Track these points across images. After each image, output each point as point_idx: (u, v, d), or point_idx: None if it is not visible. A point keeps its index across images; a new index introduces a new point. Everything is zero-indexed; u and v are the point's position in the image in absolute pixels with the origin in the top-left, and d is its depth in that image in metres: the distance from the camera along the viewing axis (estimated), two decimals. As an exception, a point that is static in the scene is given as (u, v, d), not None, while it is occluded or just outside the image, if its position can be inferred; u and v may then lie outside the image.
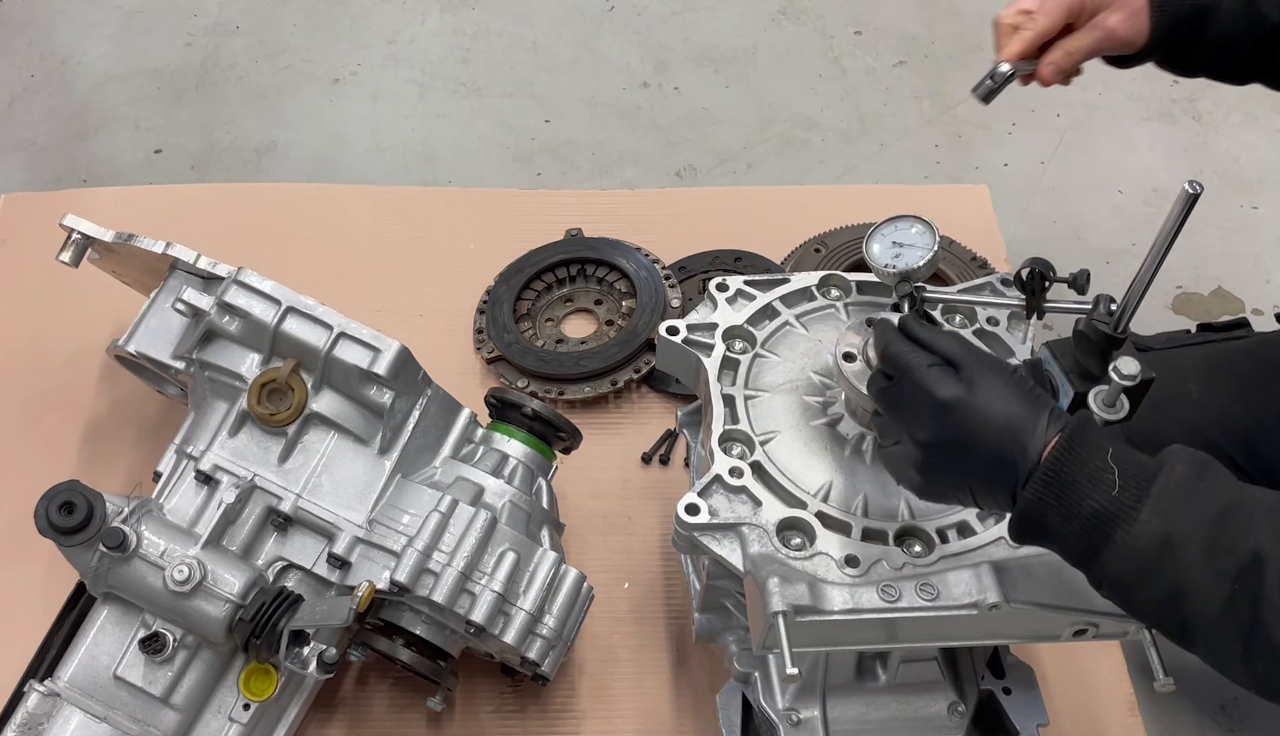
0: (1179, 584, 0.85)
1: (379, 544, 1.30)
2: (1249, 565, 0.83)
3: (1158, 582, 0.86)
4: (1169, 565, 0.85)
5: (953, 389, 0.95)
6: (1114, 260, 2.18)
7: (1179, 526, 0.85)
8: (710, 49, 2.59)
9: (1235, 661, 0.85)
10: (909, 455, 0.98)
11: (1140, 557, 0.86)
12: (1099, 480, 0.88)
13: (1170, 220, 0.99)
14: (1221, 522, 0.85)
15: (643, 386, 1.79)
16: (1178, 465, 0.89)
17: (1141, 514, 0.86)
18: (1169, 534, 0.85)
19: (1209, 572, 0.84)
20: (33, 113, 2.42)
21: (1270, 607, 0.81)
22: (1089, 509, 0.88)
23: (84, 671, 1.26)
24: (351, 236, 1.97)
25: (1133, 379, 0.98)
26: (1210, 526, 0.85)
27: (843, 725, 1.22)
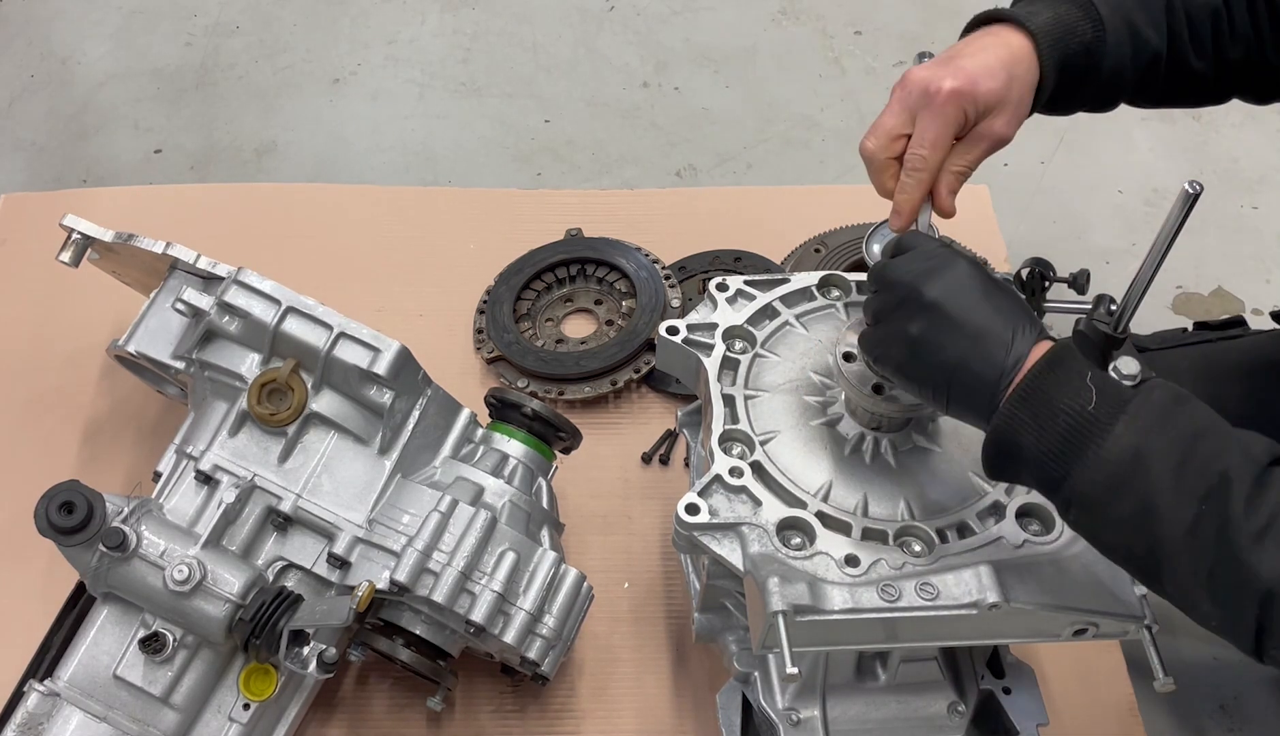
0: (1147, 500, 0.85)
1: (379, 544, 1.30)
2: (1217, 486, 0.83)
3: (1126, 499, 0.87)
4: (1138, 480, 0.86)
5: (969, 264, 0.98)
6: (1114, 260, 2.18)
7: (1151, 442, 0.86)
8: (710, 49, 2.59)
9: (1198, 588, 0.85)
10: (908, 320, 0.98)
11: (1111, 471, 0.87)
12: (1076, 398, 0.89)
13: (1170, 220, 0.99)
14: (1193, 444, 0.85)
15: (643, 386, 1.79)
16: (1157, 389, 0.90)
17: (1116, 428, 0.87)
18: (1140, 448, 0.86)
19: (1177, 491, 0.84)
20: (33, 113, 2.42)
21: (1236, 527, 0.81)
22: (1064, 424, 0.88)
23: (84, 671, 1.26)
24: (351, 236, 1.97)
25: (1133, 379, 0.98)
26: (1182, 446, 0.85)
27: (843, 725, 1.22)
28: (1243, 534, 0.81)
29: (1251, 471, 0.83)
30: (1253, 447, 0.85)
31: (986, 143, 1.13)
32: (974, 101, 1.10)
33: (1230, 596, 0.83)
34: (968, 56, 1.12)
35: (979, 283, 0.97)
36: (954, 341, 0.95)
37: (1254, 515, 0.81)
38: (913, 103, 1.12)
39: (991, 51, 1.13)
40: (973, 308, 0.95)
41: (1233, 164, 2.36)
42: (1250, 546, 0.81)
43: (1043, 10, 1.16)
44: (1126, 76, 1.18)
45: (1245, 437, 0.87)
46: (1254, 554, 0.81)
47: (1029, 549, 1.08)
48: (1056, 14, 1.15)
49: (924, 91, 1.11)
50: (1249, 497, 0.82)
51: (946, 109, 1.10)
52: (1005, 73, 1.12)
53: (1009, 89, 1.12)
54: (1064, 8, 1.16)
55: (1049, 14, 1.15)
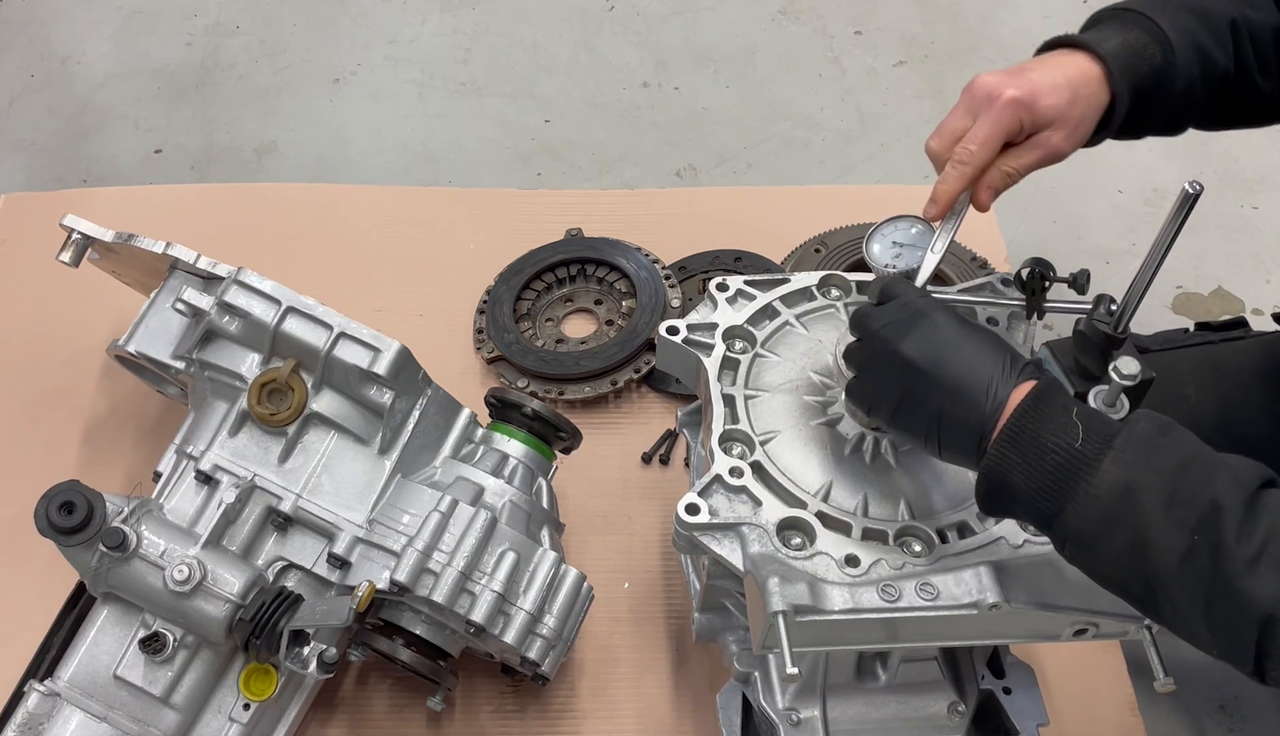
0: (1140, 533, 0.86)
1: (379, 544, 1.30)
2: (1207, 515, 0.84)
3: (1119, 533, 0.88)
4: (1130, 514, 0.87)
5: (944, 314, 1.01)
6: (1114, 260, 2.19)
7: (1139, 476, 0.87)
8: (710, 49, 2.59)
9: (1196, 616, 0.86)
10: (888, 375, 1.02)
11: (1102, 507, 0.88)
12: (1063, 435, 0.90)
13: (1170, 220, 0.99)
14: (1181, 474, 0.86)
15: (643, 386, 1.79)
16: (1141, 421, 0.91)
17: (1104, 464, 0.88)
18: (1129, 483, 0.87)
19: (1169, 522, 0.85)
20: (33, 113, 2.43)
21: (1229, 555, 0.82)
22: (1052, 463, 0.90)
23: (84, 671, 1.26)
24: (351, 236, 1.97)
25: (1133, 379, 0.98)
26: (1170, 477, 0.86)
27: (843, 725, 1.22)
28: (1237, 561, 0.82)
29: (1241, 498, 0.84)
30: (1241, 473, 0.86)
31: (1040, 152, 1.16)
32: (1031, 111, 1.13)
33: (1228, 624, 0.83)
34: (1035, 70, 1.16)
35: (954, 332, 1.01)
36: (934, 393, 0.98)
37: (1246, 541, 0.82)
38: (976, 105, 1.15)
39: (1059, 69, 1.16)
40: (949, 359, 0.98)
41: (1233, 164, 2.36)
42: (1245, 573, 0.81)
43: (1111, 36, 1.18)
44: (1197, 97, 1.21)
45: (1233, 462, 0.88)
46: (1249, 580, 0.81)
47: (1029, 549, 1.08)
48: (1125, 39, 1.17)
49: (987, 95, 1.14)
50: (1240, 524, 0.83)
51: (1003, 113, 1.13)
52: (1070, 90, 1.15)
53: (1071, 106, 1.15)
54: (1132, 33, 1.18)
55: (1118, 39, 1.17)
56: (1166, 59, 1.17)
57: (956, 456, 1.00)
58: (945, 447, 0.99)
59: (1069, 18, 2.63)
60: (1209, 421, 1.39)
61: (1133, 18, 1.20)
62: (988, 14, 2.61)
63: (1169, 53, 1.17)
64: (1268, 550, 0.81)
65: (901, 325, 1.02)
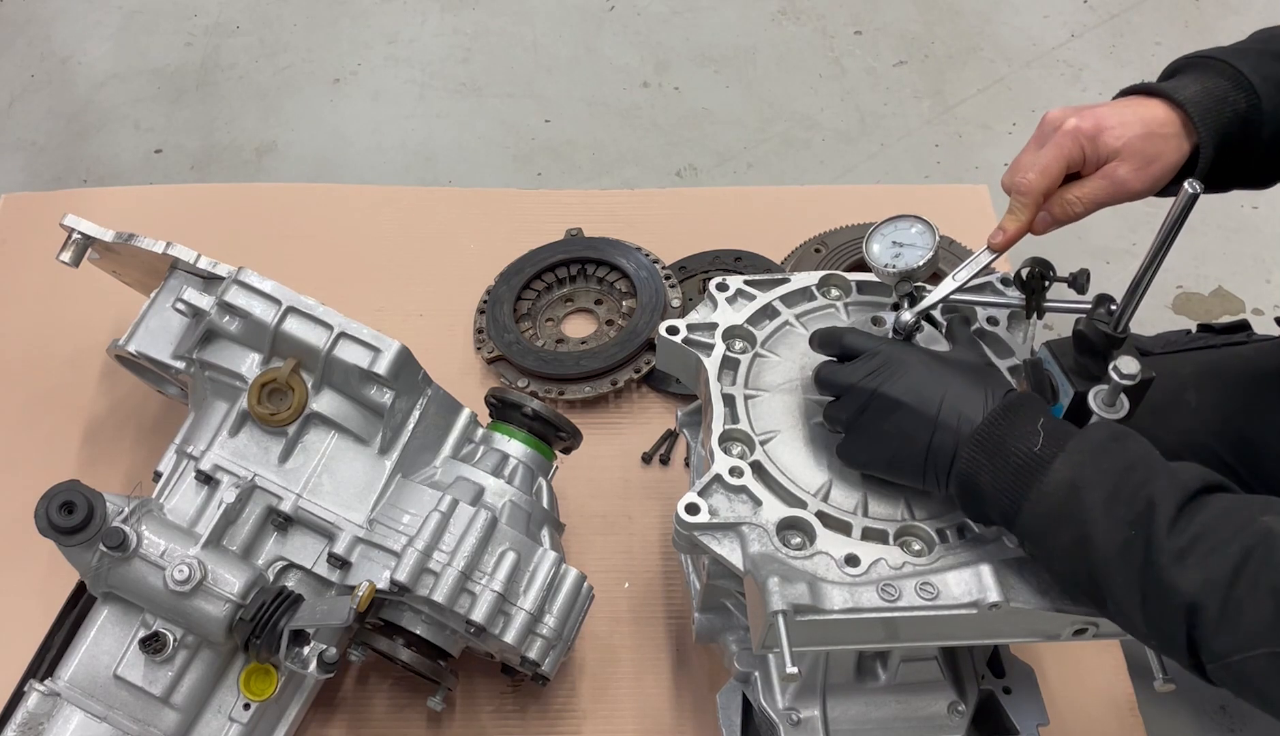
0: (1083, 529, 0.92)
1: (379, 543, 1.30)
2: (1144, 511, 0.89)
3: (1065, 528, 0.93)
4: (1075, 510, 0.93)
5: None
6: (1114, 260, 2.19)
7: (1085, 475, 0.93)
8: (710, 49, 2.59)
9: (1134, 608, 0.91)
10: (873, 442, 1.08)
11: (1051, 504, 0.94)
12: (1025, 440, 0.97)
13: (1170, 220, 0.99)
14: (1125, 474, 0.92)
15: (643, 386, 1.79)
16: (1098, 428, 0.97)
17: (1055, 464, 0.94)
18: (1075, 480, 0.93)
19: (1109, 519, 0.91)
20: (33, 113, 2.43)
21: (1159, 548, 0.87)
22: (1014, 465, 0.97)
23: (84, 671, 1.26)
24: (351, 236, 1.98)
25: (1132, 379, 0.98)
26: (1114, 477, 0.92)
27: (843, 725, 1.23)
28: (1165, 553, 0.87)
29: (1177, 497, 0.89)
30: (1182, 475, 0.91)
31: (1105, 183, 1.12)
32: (1094, 141, 1.11)
33: (1160, 614, 0.88)
34: (1106, 107, 1.14)
35: (934, 370, 1.06)
36: (926, 430, 1.03)
37: (1177, 536, 0.87)
38: (1043, 137, 1.15)
39: (1132, 110, 1.13)
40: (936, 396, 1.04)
41: (1233, 164, 2.36)
42: (1171, 565, 0.87)
43: (1190, 83, 1.15)
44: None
45: (1178, 467, 0.93)
46: (1174, 572, 0.86)
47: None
48: (1205, 86, 1.14)
49: (1051, 125, 1.14)
50: (1172, 520, 0.88)
51: (1064, 142, 1.11)
52: (1142, 127, 1.12)
53: (1143, 143, 1.11)
54: (1213, 80, 1.15)
55: (1196, 86, 1.14)
56: (1252, 105, 1.14)
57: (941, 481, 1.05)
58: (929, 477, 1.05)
59: (1069, 17, 2.63)
60: (1210, 426, 1.38)
61: (1214, 65, 1.16)
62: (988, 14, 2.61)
63: (1254, 97, 1.14)
64: (1197, 545, 0.86)
65: (882, 373, 1.07)
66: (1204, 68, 1.17)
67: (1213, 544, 0.85)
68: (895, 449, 1.06)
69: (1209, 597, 0.84)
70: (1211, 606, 0.84)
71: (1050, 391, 1.09)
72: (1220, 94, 1.14)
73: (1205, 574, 0.85)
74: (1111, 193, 1.12)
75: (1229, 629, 0.84)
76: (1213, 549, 0.85)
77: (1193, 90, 1.14)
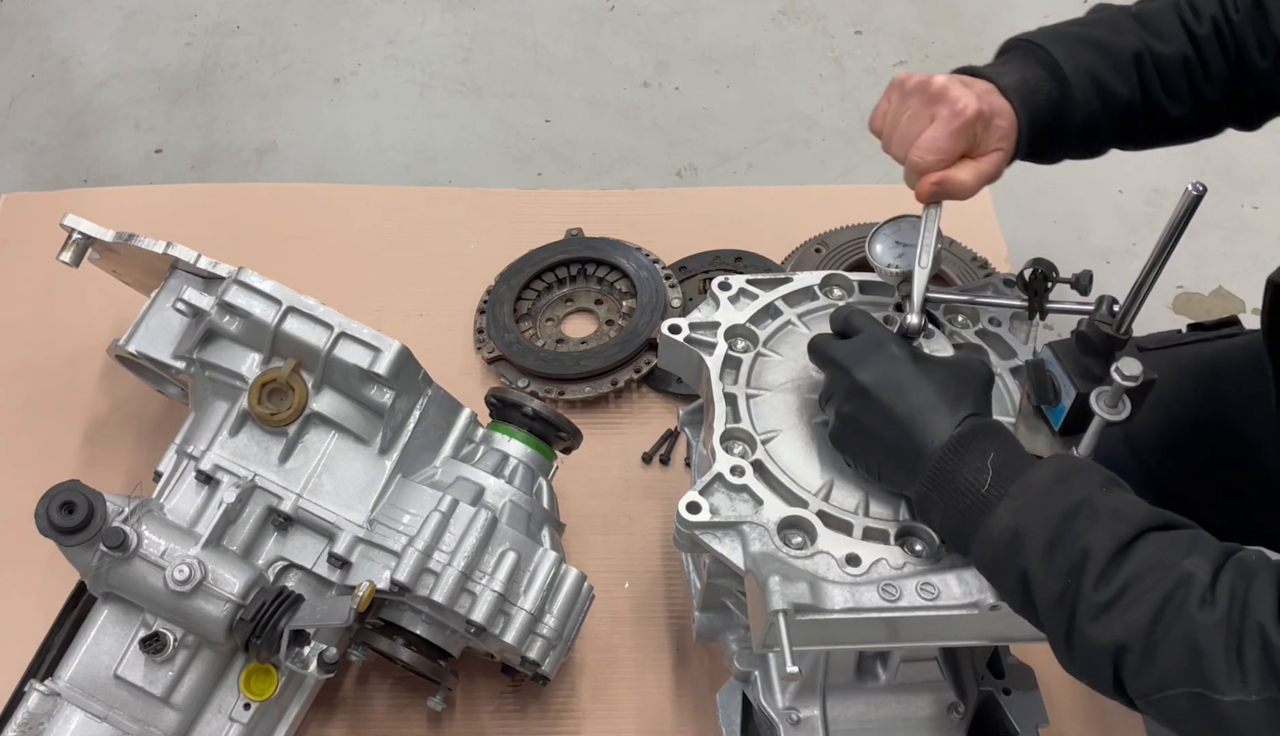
0: (1024, 575, 0.94)
1: (379, 543, 1.30)
2: (1078, 562, 0.90)
3: (1009, 573, 0.96)
4: (1018, 557, 0.94)
5: (902, 351, 1.07)
6: (1115, 260, 2.19)
7: (1027, 522, 0.94)
8: (711, 49, 2.59)
9: (1065, 651, 0.93)
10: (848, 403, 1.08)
11: (994, 548, 0.96)
12: (975, 479, 0.98)
13: (1173, 221, 0.99)
14: (1066, 522, 0.93)
15: (643, 386, 1.79)
16: (1045, 469, 0.97)
17: (999, 509, 0.96)
18: (1016, 528, 0.94)
19: (1048, 567, 0.92)
20: (33, 113, 2.43)
21: (1085, 602, 0.89)
22: (964, 505, 0.98)
23: (84, 671, 1.26)
24: (351, 236, 1.97)
25: (1135, 380, 0.98)
26: (1055, 524, 0.93)
27: (843, 724, 1.22)
28: (1089, 606, 0.89)
29: (1110, 547, 0.90)
30: (1121, 523, 0.91)
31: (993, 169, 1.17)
32: (987, 128, 1.15)
33: (1086, 659, 0.91)
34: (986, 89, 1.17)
35: (908, 370, 1.06)
36: (883, 425, 1.04)
37: (1103, 588, 0.89)
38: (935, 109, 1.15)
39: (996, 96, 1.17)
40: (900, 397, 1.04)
41: (1233, 164, 2.36)
42: (1092, 618, 0.89)
43: (1011, 72, 1.20)
44: (1101, 128, 1.23)
45: (1121, 509, 0.93)
46: (1094, 626, 0.89)
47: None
48: (1023, 75, 1.19)
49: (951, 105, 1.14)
50: (1102, 572, 0.89)
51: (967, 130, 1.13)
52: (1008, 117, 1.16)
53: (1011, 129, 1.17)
54: (1031, 68, 1.20)
55: (1016, 75, 1.19)
56: (1064, 92, 1.19)
57: (895, 488, 1.09)
58: (885, 478, 1.08)
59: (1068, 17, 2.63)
60: (1206, 416, 1.40)
61: (1034, 52, 1.21)
62: (988, 14, 2.61)
63: (1065, 87, 1.19)
64: (1123, 595, 0.88)
65: (860, 356, 1.08)
66: (1026, 53, 1.22)
67: (1138, 593, 0.88)
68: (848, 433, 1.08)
69: (1132, 639, 0.87)
70: (1135, 647, 0.87)
71: (1053, 392, 1.09)
72: (1035, 83, 1.19)
73: (1126, 622, 0.87)
74: (994, 177, 1.17)
75: (1149, 671, 0.87)
76: (1137, 597, 0.87)
77: (1012, 78, 1.19)
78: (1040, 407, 1.12)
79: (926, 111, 1.15)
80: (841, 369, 1.08)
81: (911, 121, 1.16)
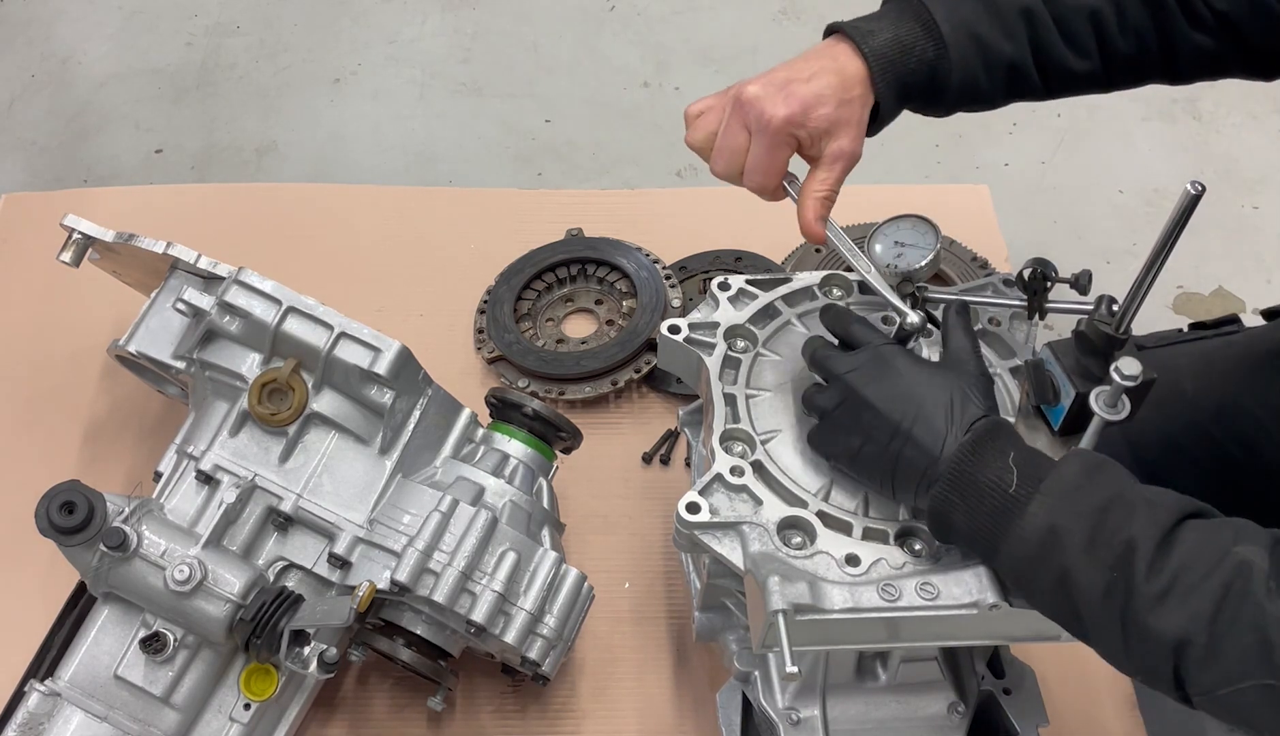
0: (1064, 573, 0.92)
1: (379, 544, 1.30)
2: (1123, 554, 0.89)
3: (1047, 572, 0.93)
4: (1055, 555, 0.92)
5: (905, 360, 1.06)
6: (1114, 260, 2.19)
7: (1063, 519, 0.92)
8: (711, 49, 2.59)
9: (1118, 649, 0.91)
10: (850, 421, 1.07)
11: (1030, 548, 0.94)
12: (999, 480, 0.96)
13: (1172, 220, 0.99)
14: (1102, 515, 0.91)
15: (643, 386, 1.79)
16: (1071, 464, 0.96)
17: (1031, 507, 0.94)
18: (1054, 525, 0.92)
19: (1089, 562, 0.90)
20: (33, 113, 2.43)
21: (1139, 593, 0.87)
22: (989, 506, 0.96)
23: (84, 671, 1.26)
24: (352, 236, 1.97)
25: (1134, 379, 0.98)
26: (1091, 518, 0.91)
27: (843, 724, 1.22)
28: (1144, 598, 0.87)
29: (1155, 535, 0.88)
30: (1159, 511, 0.91)
31: (841, 163, 1.16)
32: (805, 126, 1.13)
33: (1146, 653, 0.89)
34: (801, 81, 1.14)
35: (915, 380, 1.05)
36: (893, 440, 1.03)
37: (1155, 578, 0.87)
38: (748, 121, 1.15)
39: (824, 76, 1.14)
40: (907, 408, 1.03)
41: (1233, 164, 2.36)
42: (1151, 609, 0.87)
43: (883, 30, 1.16)
44: (982, 86, 1.19)
45: (1153, 497, 0.92)
46: (1155, 615, 0.87)
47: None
48: (896, 34, 1.15)
49: (759, 117, 1.13)
50: (1151, 562, 0.88)
51: (779, 138, 1.13)
52: (836, 99, 1.14)
53: (842, 110, 1.14)
54: (906, 26, 1.16)
55: (889, 34, 1.16)
56: (939, 52, 1.15)
57: (909, 499, 1.05)
58: (899, 491, 1.05)
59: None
60: (1207, 413, 1.40)
61: (912, 8, 1.17)
62: (988, 14, 2.60)
63: (941, 47, 1.15)
64: (1176, 585, 0.86)
65: (866, 372, 1.06)
66: (904, 9, 1.18)
67: (1192, 581, 0.86)
68: (860, 448, 1.06)
69: (1195, 633, 0.85)
70: (1198, 641, 0.85)
71: (1052, 392, 1.09)
72: (909, 43, 1.15)
73: (1188, 612, 0.86)
74: (846, 169, 1.15)
75: (1215, 664, 0.85)
76: (1193, 587, 0.86)
77: (883, 39, 1.15)
78: (1040, 407, 1.12)
79: (739, 122, 1.15)
80: (847, 384, 1.07)
81: (729, 130, 1.16)
